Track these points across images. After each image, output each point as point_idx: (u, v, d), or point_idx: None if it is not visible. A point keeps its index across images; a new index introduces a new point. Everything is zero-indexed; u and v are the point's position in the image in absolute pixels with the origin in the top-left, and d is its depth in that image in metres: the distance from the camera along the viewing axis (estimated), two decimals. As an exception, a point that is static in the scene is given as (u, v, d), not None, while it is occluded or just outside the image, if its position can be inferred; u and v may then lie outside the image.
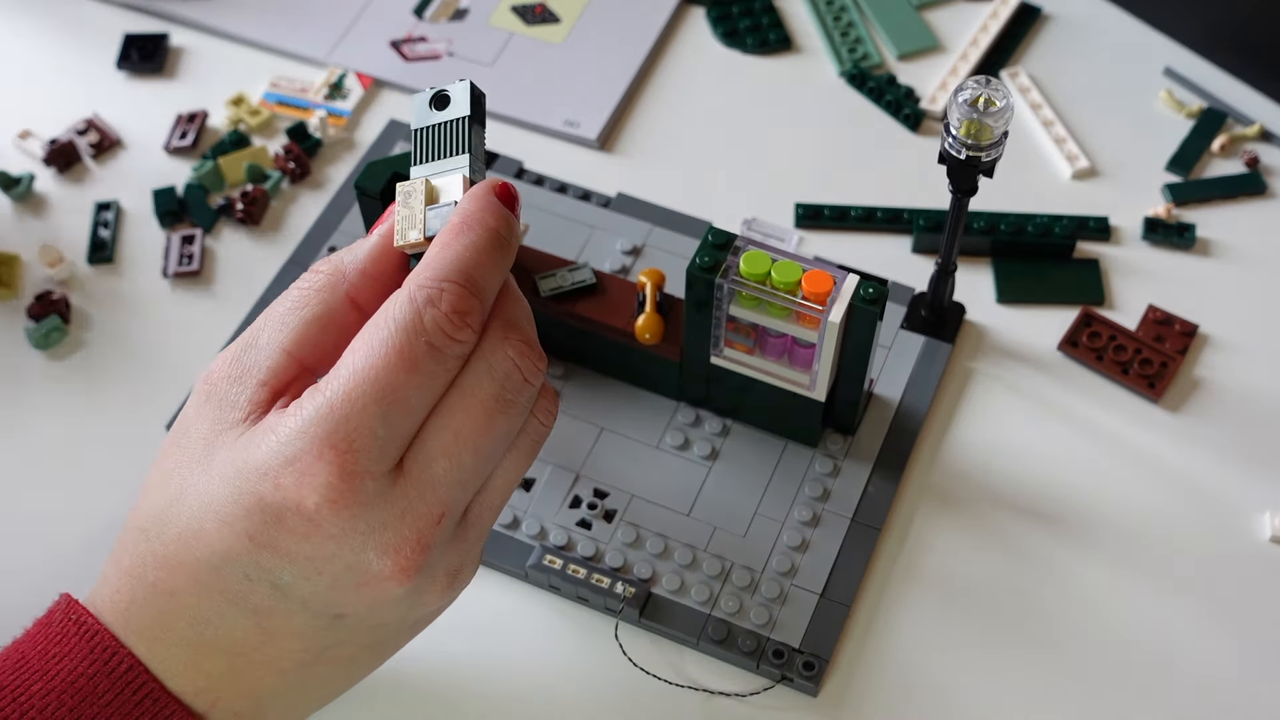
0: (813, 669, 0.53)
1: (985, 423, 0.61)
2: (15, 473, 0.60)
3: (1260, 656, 0.55)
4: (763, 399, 0.57)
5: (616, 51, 0.75)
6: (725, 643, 0.54)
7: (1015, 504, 0.59)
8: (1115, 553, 0.58)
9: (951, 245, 0.59)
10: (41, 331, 0.63)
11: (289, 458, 0.39)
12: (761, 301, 0.53)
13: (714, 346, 0.56)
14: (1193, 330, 0.64)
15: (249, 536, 0.40)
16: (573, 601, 0.56)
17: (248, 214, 0.68)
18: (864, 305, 0.52)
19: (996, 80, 0.52)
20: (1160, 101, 0.73)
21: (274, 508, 0.39)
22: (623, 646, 0.55)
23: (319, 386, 0.39)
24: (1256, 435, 0.61)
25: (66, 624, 0.42)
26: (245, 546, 0.40)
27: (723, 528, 0.57)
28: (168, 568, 0.41)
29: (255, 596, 0.41)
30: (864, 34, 0.75)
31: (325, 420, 0.38)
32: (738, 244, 0.53)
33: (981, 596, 0.56)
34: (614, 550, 0.56)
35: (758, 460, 0.59)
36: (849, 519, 0.57)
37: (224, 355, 0.42)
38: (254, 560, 0.40)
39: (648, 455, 0.59)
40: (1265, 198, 0.69)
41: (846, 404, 0.58)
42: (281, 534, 0.39)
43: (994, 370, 0.63)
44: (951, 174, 0.55)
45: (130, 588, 0.42)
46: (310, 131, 0.71)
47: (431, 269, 0.40)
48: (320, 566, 0.40)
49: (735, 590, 0.55)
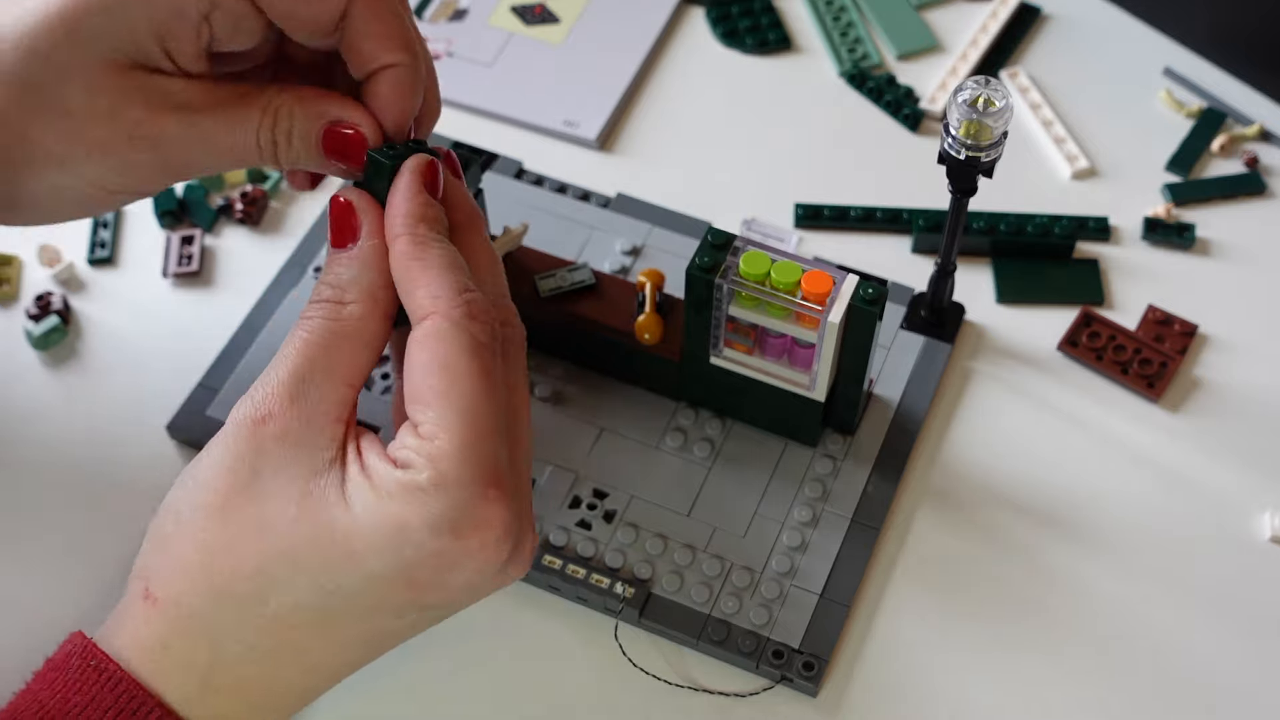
0: (812, 669, 0.53)
1: (985, 423, 0.61)
2: (14, 473, 0.60)
3: (1260, 656, 0.55)
4: (762, 399, 0.57)
5: (616, 51, 0.75)
6: (725, 643, 0.54)
7: (1015, 504, 0.59)
8: (1115, 552, 0.57)
9: (951, 245, 0.59)
10: (41, 332, 0.63)
11: (462, 507, 0.40)
12: (761, 302, 0.53)
13: (713, 347, 0.56)
14: (1192, 330, 0.64)
15: (410, 585, 0.41)
16: (572, 602, 0.56)
17: (247, 214, 0.68)
18: (864, 306, 0.52)
19: (996, 80, 0.52)
20: (1160, 101, 0.73)
21: (450, 554, 0.40)
22: (622, 647, 0.55)
23: (434, 431, 0.40)
24: (1256, 435, 0.61)
25: (86, 670, 0.41)
26: (403, 593, 0.41)
27: (722, 528, 0.57)
28: (278, 627, 0.41)
29: (391, 625, 0.42)
30: (864, 34, 0.75)
31: (473, 463, 0.40)
32: (737, 244, 0.52)
33: (981, 596, 0.56)
34: (613, 551, 0.56)
35: (757, 460, 0.59)
36: (849, 519, 0.57)
37: (272, 398, 0.42)
38: (410, 601, 0.41)
39: (647, 455, 0.59)
40: (1265, 198, 0.69)
41: (846, 404, 0.58)
42: (452, 573, 0.41)
43: (994, 370, 0.63)
44: (951, 174, 0.55)
45: (211, 652, 0.41)
46: None
47: (443, 288, 0.42)
48: (476, 587, 0.42)
49: (735, 590, 0.55)
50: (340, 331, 0.42)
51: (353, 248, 0.44)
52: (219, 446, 0.42)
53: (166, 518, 0.43)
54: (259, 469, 0.41)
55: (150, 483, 0.59)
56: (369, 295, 0.43)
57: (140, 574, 0.43)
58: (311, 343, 0.42)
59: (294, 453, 0.41)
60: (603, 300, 0.59)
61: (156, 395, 0.62)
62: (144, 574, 0.42)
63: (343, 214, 0.44)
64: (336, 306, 0.43)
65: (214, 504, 0.41)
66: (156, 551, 0.42)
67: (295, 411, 0.41)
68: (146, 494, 0.59)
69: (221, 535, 0.41)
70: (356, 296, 0.43)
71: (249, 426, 0.41)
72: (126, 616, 0.42)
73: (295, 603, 0.41)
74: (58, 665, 0.42)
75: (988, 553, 0.57)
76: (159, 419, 0.62)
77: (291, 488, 0.41)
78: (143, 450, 0.61)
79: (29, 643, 0.56)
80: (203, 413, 0.60)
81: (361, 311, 0.43)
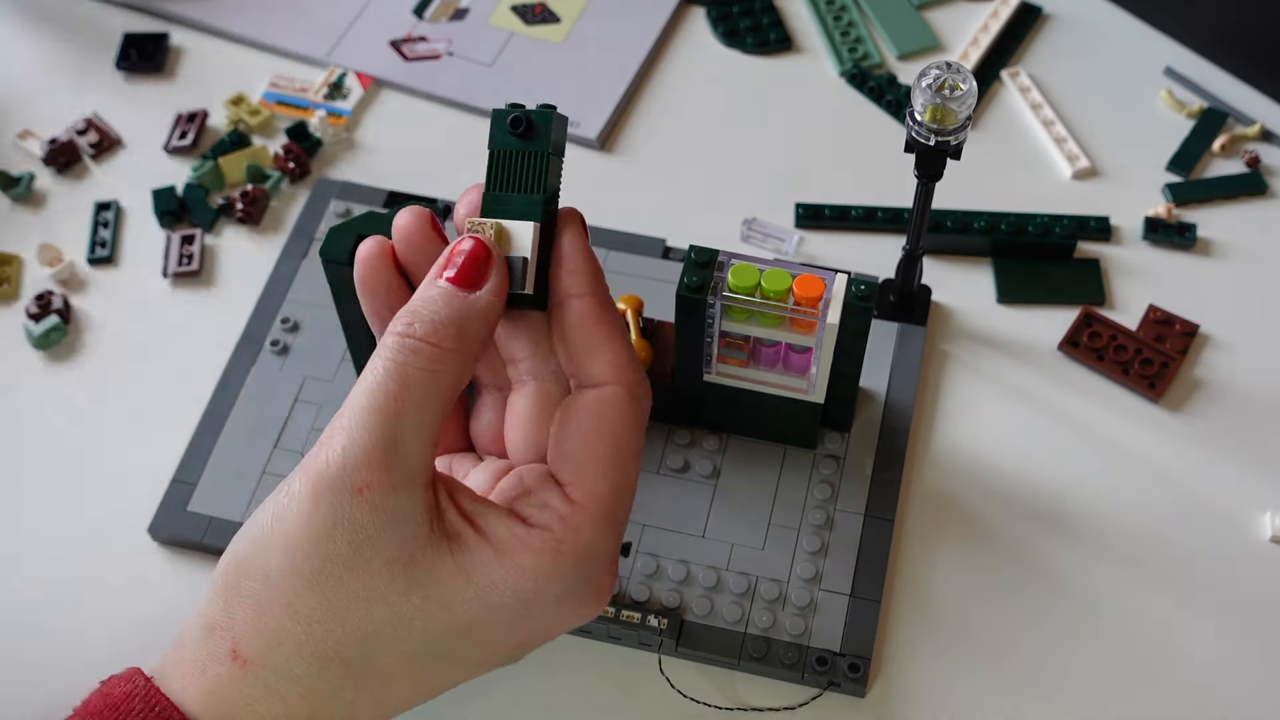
0: (858, 670, 0.53)
1: (985, 422, 0.61)
2: (14, 474, 0.60)
3: (1261, 656, 0.55)
4: (760, 408, 0.57)
5: (616, 51, 0.75)
6: (766, 658, 0.53)
7: (1015, 504, 0.59)
8: (1115, 552, 0.57)
9: (919, 231, 0.58)
10: (41, 332, 0.63)
11: (593, 580, 0.41)
12: (753, 313, 0.52)
13: (707, 364, 0.55)
14: (1193, 330, 0.63)
15: (520, 645, 0.41)
16: (604, 642, 0.55)
17: (247, 214, 0.68)
18: (858, 303, 0.52)
19: (958, 64, 0.52)
20: (1161, 101, 0.73)
21: (568, 618, 0.41)
22: (669, 680, 0.54)
23: (586, 501, 0.40)
24: (1257, 435, 0.61)
25: (150, 716, 0.39)
26: (509, 650, 0.42)
27: (740, 543, 0.56)
28: (381, 681, 0.40)
29: (476, 672, 0.43)
30: (864, 34, 0.75)
31: (615, 537, 0.41)
32: (721, 259, 0.52)
33: (997, 585, 0.56)
34: (637, 584, 0.55)
35: (761, 470, 0.58)
36: (862, 514, 0.57)
37: (367, 463, 0.38)
38: (509, 655, 0.42)
39: (650, 482, 0.58)
40: (1266, 198, 0.69)
41: (843, 402, 0.58)
42: (555, 630, 0.42)
43: (995, 370, 0.63)
44: (920, 161, 0.54)
45: (307, 712, 0.40)
46: (310, 131, 0.71)
47: (627, 363, 0.42)
48: (562, 630, 0.43)
49: (765, 604, 0.55)
50: (434, 386, 0.39)
51: (473, 296, 0.40)
52: (309, 506, 0.39)
53: (250, 573, 0.40)
54: (358, 543, 0.39)
55: (152, 481, 0.59)
56: (468, 346, 0.40)
57: (224, 629, 0.40)
58: (404, 398, 0.39)
59: (392, 524, 0.39)
60: None
61: (156, 396, 0.62)
62: (229, 630, 0.40)
63: (479, 261, 0.40)
64: (433, 349, 0.39)
65: (309, 572, 0.39)
66: (242, 609, 0.40)
67: (391, 480, 0.38)
68: (148, 493, 0.59)
69: (325, 607, 0.39)
70: (455, 345, 0.39)
71: (346, 496, 0.38)
72: (205, 670, 0.40)
73: (401, 659, 0.40)
74: (115, 704, 0.39)
75: (988, 552, 0.57)
76: (159, 420, 0.61)
77: (396, 561, 0.39)
78: (142, 451, 0.61)
79: (29, 641, 0.56)
80: (184, 509, 0.58)
81: (460, 361, 0.40)
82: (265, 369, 0.62)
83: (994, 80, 0.74)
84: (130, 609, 0.56)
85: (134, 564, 0.57)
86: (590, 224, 0.66)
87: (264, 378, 0.62)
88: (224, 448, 0.59)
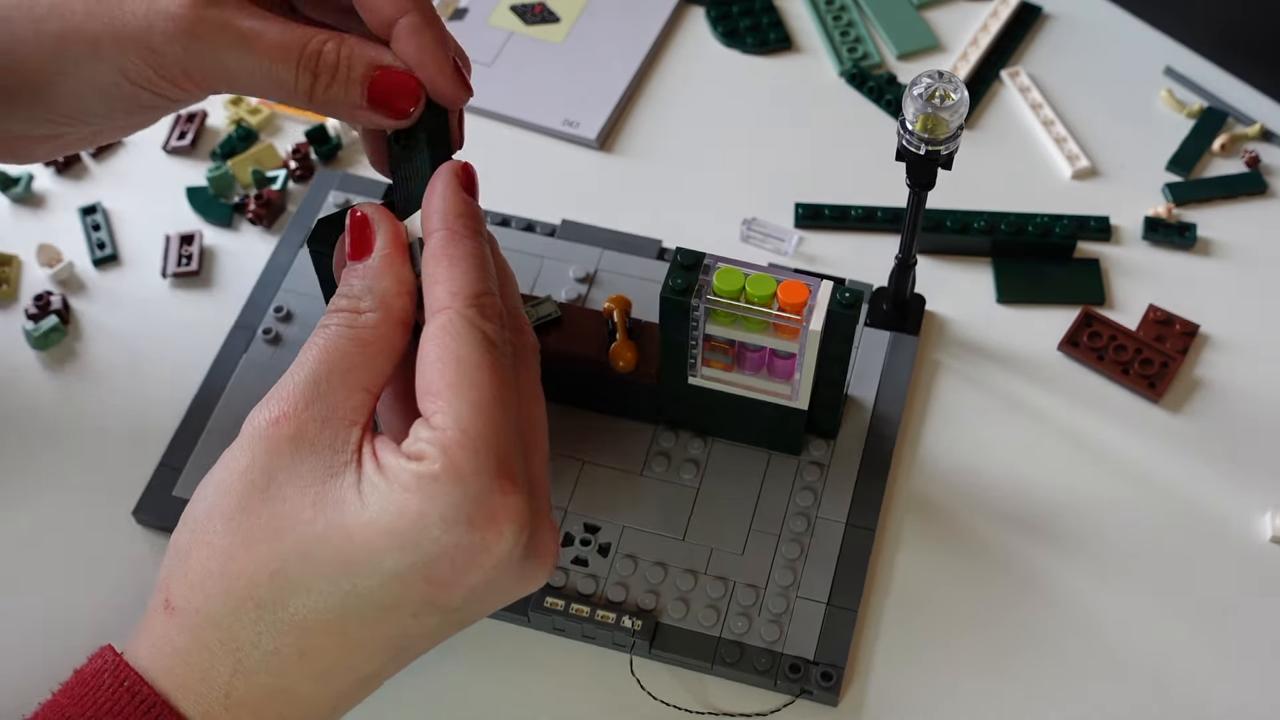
0: (831, 679, 0.53)
1: (978, 432, 0.61)
2: (13, 474, 0.60)
3: (1260, 657, 0.55)
4: (744, 413, 0.57)
5: (616, 51, 0.75)
6: (740, 664, 0.53)
7: (1016, 504, 0.59)
8: (1115, 552, 0.57)
9: (911, 239, 0.58)
10: (40, 332, 0.63)
11: (475, 498, 0.40)
12: (737, 318, 0.52)
13: (691, 367, 0.55)
14: (1193, 330, 0.63)
15: (427, 581, 0.40)
16: (579, 641, 0.55)
17: (259, 215, 0.68)
18: (843, 311, 0.51)
19: (950, 73, 0.52)
20: (1161, 101, 0.73)
21: (466, 548, 0.40)
22: (640, 681, 0.54)
23: (446, 422, 0.40)
24: (1257, 435, 0.61)
25: (118, 691, 0.41)
26: (421, 591, 0.41)
27: (719, 548, 0.56)
28: (298, 631, 0.40)
29: (412, 629, 0.42)
30: (864, 34, 0.75)
31: (485, 454, 0.40)
32: (706, 262, 0.52)
33: (984, 594, 0.56)
34: (614, 584, 0.55)
35: (744, 474, 0.58)
36: (843, 523, 0.57)
37: (288, 400, 0.42)
38: (429, 600, 0.41)
39: (633, 483, 0.58)
40: (1266, 197, 0.69)
41: (828, 409, 0.57)
42: (469, 570, 0.40)
43: (991, 376, 0.63)
44: (911, 169, 0.54)
45: (232, 661, 0.41)
46: (330, 134, 0.71)
47: (463, 286, 0.42)
48: (496, 586, 0.42)
49: (742, 609, 0.55)
50: (356, 338, 0.42)
51: (368, 260, 0.44)
52: (234, 451, 0.42)
53: (184, 527, 0.42)
54: (273, 471, 0.41)
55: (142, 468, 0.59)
56: (383, 303, 0.43)
57: (161, 585, 0.42)
58: (328, 348, 0.42)
59: (309, 454, 0.41)
60: (571, 332, 0.58)
61: (156, 396, 0.62)
62: (164, 585, 0.42)
63: (360, 227, 0.44)
64: (352, 315, 0.43)
65: (230, 508, 0.41)
66: (176, 561, 0.42)
67: (311, 413, 0.41)
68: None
69: (238, 539, 0.41)
70: (372, 305, 0.43)
71: (264, 428, 0.41)
72: (148, 628, 0.42)
73: (314, 605, 0.40)
74: (87, 680, 0.41)
75: (987, 552, 0.57)
76: (158, 420, 0.61)
77: (307, 490, 0.40)
78: (142, 451, 0.60)
79: (28, 642, 0.56)
80: (169, 494, 0.59)
81: (377, 319, 0.43)
82: (257, 357, 0.62)
83: (994, 80, 0.73)
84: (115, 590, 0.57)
85: (118, 547, 0.58)
86: (588, 223, 0.66)
87: (255, 366, 0.62)
88: (211, 434, 0.60)
